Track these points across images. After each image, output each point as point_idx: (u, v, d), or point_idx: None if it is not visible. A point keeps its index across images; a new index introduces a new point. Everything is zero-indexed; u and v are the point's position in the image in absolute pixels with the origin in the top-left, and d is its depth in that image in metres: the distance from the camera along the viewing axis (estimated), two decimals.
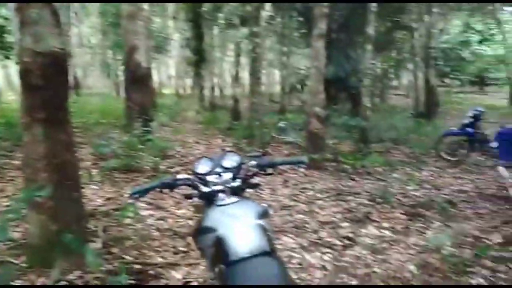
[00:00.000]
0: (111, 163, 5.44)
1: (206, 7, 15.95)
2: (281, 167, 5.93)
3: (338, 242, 3.58)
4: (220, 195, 1.69)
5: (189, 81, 24.98)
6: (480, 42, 26.30)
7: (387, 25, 14.69)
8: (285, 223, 4.00)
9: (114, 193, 4.59)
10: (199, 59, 15.73)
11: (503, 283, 2.93)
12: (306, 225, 3.98)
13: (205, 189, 1.73)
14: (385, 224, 4.06)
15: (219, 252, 1.47)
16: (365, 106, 7.72)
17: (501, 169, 5.00)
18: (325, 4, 6.53)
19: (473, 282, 2.91)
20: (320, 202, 4.77)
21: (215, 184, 1.74)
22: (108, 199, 4.43)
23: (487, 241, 3.65)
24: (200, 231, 1.61)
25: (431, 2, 13.24)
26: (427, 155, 7.79)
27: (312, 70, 6.71)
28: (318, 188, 5.34)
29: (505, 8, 20.90)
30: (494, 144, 5.48)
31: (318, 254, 3.33)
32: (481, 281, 2.93)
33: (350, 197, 4.97)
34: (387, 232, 3.86)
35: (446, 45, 23.38)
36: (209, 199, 1.71)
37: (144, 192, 1.73)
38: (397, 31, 16.25)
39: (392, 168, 6.56)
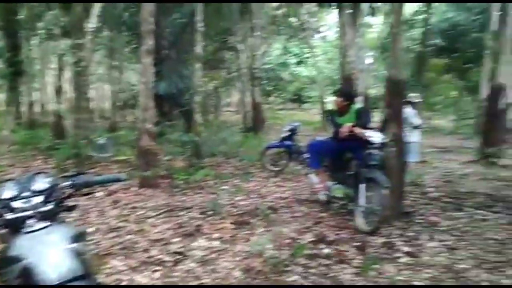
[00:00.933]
0: None
1: (22, 14, 14.32)
2: (111, 188, 5.77)
3: (168, 259, 3.59)
4: (29, 221, 1.55)
5: (2, 96, 21.95)
6: (297, 64, 29.82)
7: (215, 45, 15.49)
8: (114, 246, 3.84)
9: None
10: (14, 71, 13.97)
11: (315, 277, 3.33)
12: (136, 245, 3.88)
13: (9, 216, 1.56)
14: (215, 235, 4.23)
15: (26, 283, 1.35)
16: (198, 122, 7.95)
17: (311, 176, 5.71)
18: (152, 20, 6.55)
19: (289, 280, 3.25)
20: (151, 220, 4.71)
21: (23, 209, 1.58)
22: None
23: (301, 241, 4.11)
24: (4, 262, 1.45)
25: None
26: (254, 166, 8.41)
27: (141, 86, 6.63)
28: (150, 206, 5.27)
29: (315, 35, 24.22)
30: (306, 155, 6.23)
31: (148, 273, 3.28)
32: (296, 278, 3.29)
33: (182, 212, 5.03)
34: (216, 243, 4.02)
35: (268, 66, 25.82)
36: (16, 227, 1.55)
37: None
38: (225, 52, 17.30)
39: (222, 181, 6.90)
